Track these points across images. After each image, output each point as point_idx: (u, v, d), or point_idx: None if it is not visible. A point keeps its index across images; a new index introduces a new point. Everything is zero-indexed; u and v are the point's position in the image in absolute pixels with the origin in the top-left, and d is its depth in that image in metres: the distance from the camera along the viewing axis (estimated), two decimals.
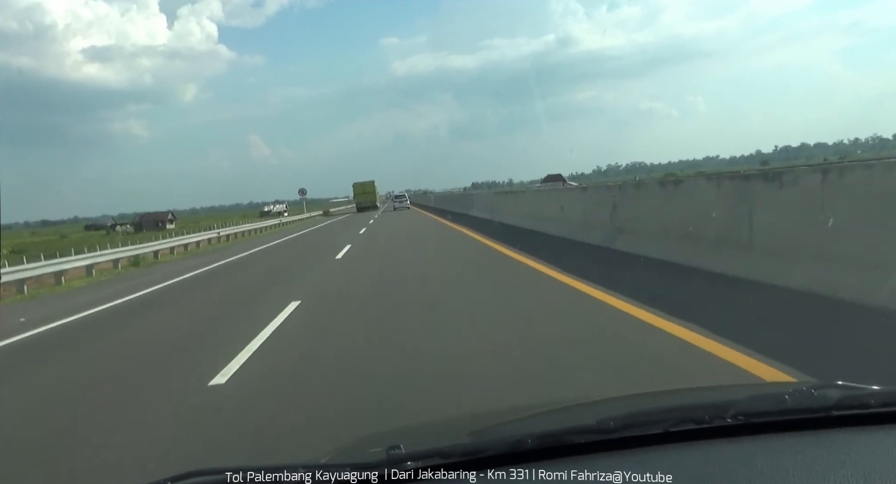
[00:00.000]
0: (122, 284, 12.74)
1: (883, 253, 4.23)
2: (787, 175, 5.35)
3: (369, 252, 14.61)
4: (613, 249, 8.96)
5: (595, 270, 7.17)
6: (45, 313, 9.11)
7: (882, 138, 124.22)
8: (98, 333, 7.23)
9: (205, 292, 10.25)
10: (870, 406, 1.10)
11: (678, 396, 1.76)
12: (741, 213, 5.87)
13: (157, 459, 3.02)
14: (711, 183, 7.04)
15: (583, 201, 12.04)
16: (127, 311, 8.86)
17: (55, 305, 10.34)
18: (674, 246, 7.14)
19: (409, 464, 1.02)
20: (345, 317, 6.43)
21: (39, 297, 12.82)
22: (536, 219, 14.32)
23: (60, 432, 3.70)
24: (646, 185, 9.83)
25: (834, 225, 4.64)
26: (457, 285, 7.87)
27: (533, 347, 4.33)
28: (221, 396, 3.96)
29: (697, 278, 6.10)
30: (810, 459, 0.97)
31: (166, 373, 4.89)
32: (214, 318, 7.52)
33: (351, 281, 9.47)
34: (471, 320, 5.52)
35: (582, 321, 5.04)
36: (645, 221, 8.54)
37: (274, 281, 10.42)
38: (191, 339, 6.26)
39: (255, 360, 4.81)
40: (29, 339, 7.24)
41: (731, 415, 1.10)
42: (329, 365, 4.54)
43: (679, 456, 1.03)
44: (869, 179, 4.59)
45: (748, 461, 0.97)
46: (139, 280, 13.22)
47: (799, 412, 1.10)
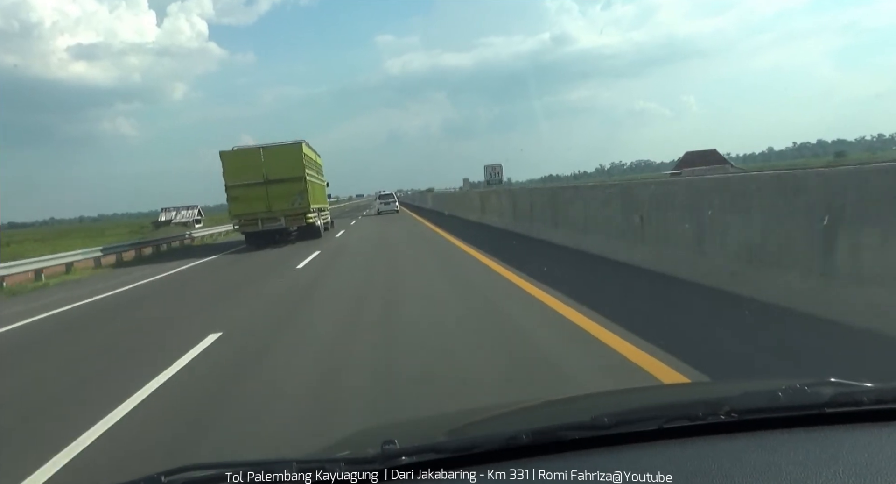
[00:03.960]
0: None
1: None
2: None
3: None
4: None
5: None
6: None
7: (883, 138, 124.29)
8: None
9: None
10: (862, 403, 1.10)
11: (672, 393, 1.77)
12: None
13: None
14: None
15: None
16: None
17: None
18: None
19: (404, 459, 1.02)
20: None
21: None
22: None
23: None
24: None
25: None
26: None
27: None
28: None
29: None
30: (803, 456, 0.98)
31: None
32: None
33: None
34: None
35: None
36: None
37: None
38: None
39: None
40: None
41: (725, 411, 1.11)
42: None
43: (673, 453, 1.03)
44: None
45: (742, 458, 0.98)
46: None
47: (792, 409, 1.11)
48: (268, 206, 18.18)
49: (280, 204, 18.25)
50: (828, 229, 4.42)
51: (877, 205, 4.07)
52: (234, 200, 18.30)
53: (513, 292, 6.89)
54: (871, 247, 4.09)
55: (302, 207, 18.57)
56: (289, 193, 18.27)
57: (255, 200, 18.05)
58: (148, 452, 3.33)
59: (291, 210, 18.46)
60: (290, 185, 18.29)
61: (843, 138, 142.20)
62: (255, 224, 18.42)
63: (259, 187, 18.08)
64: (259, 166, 18.10)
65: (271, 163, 18.13)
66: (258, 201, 18.07)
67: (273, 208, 18.24)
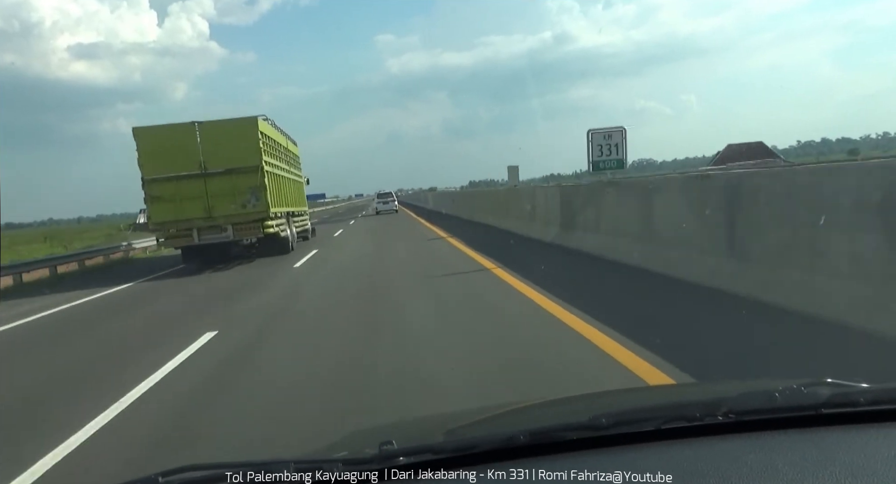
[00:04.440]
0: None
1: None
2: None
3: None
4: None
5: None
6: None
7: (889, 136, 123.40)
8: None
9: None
10: (859, 404, 1.11)
11: (670, 394, 1.77)
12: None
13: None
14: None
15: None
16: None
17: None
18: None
19: (403, 460, 1.03)
20: None
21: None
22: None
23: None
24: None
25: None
26: None
27: None
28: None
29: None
30: (800, 457, 0.98)
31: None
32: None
33: None
34: None
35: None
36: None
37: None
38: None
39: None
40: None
41: (723, 412, 1.11)
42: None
43: (672, 453, 1.04)
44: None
45: (739, 458, 0.98)
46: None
47: (789, 410, 1.11)
48: (207, 210, 12.75)
49: (225, 206, 12.83)
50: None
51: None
52: (156, 202, 12.78)
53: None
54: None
55: (258, 211, 13.00)
56: (238, 191, 12.92)
57: (187, 201, 12.70)
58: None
59: (242, 215, 12.97)
60: (241, 178, 12.87)
61: (848, 137, 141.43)
62: (189, 236, 12.92)
63: (194, 182, 12.72)
64: (193, 151, 12.65)
65: (212, 146, 12.68)
66: (192, 203, 12.72)
67: (215, 213, 12.80)
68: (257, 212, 13.04)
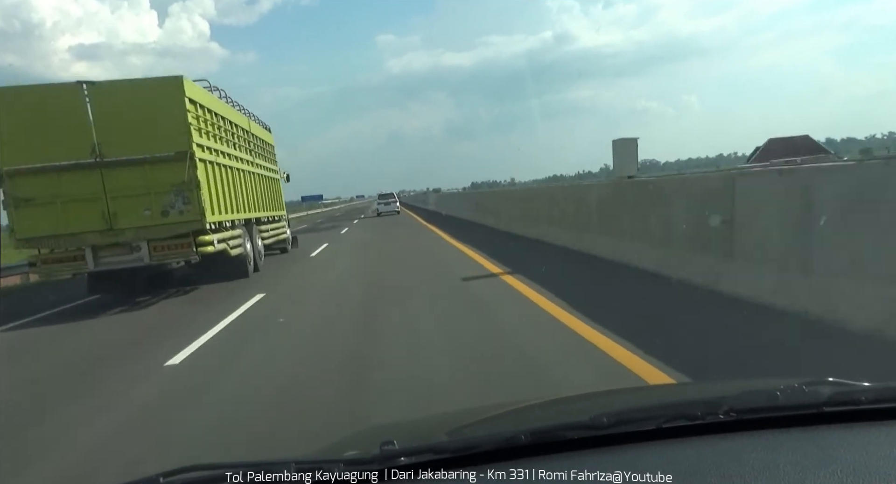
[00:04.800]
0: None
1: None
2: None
3: None
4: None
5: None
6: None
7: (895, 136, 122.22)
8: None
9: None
10: (860, 403, 1.11)
11: (671, 393, 1.77)
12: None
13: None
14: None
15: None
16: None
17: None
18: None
19: (403, 460, 1.03)
20: None
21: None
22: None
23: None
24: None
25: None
26: None
27: None
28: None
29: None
30: (801, 456, 0.98)
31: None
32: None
33: None
34: None
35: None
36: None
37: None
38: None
39: None
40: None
41: (724, 411, 1.11)
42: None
43: (672, 452, 1.03)
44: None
45: (740, 457, 0.98)
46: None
47: (790, 409, 1.11)
48: (106, 219, 8.30)
49: (134, 214, 8.37)
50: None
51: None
52: (24, 206, 8.17)
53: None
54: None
55: (187, 221, 8.51)
56: (155, 190, 8.41)
57: (73, 206, 8.25)
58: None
59: (163, 227, 8.48)
60: (159, 171, 8.35)
61: (853, 137, 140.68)
62: (79, 259, 8.45)
63: (84, 176, 8.21)
64: (82, 127, 8.11)
65: (112, 121, 8.20)
66: (82, 208, 8.28)
67: (119, 224, 8.34)
68: (185, 222, 8.52)
